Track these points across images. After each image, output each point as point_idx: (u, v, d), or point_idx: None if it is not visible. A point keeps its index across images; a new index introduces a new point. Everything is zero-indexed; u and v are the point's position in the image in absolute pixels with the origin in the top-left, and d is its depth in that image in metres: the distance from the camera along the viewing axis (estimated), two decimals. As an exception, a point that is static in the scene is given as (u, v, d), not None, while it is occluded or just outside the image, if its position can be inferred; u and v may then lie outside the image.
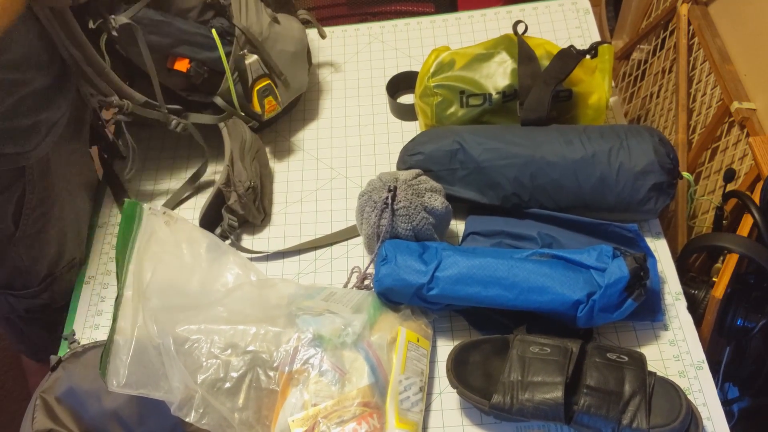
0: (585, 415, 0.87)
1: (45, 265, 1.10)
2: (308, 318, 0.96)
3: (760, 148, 1.20)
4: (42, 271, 1.10)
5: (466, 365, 0.94)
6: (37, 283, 1.11)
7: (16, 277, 1.09)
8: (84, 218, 1.18)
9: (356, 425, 0.87)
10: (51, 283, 1.12)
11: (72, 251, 1.14)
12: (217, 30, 1.11)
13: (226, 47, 1.13)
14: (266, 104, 1.18)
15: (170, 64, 1.13)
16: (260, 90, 1.16)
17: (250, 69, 1.15)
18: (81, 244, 1.17)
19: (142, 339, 0.91)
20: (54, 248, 1.09)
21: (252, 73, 1.15)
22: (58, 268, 1.12)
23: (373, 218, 1.03)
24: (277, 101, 1.19)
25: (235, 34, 1.12)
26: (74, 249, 1.15)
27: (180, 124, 1.15)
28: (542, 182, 1.06)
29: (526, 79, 1.12)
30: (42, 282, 1.11)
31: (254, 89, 1.16)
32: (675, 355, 0.98)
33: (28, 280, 1.10)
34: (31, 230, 1.04)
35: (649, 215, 1.08)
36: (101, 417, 0.94)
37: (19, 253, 1.05)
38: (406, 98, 1.36)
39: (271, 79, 1.17)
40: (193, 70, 1.13)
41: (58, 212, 1.07)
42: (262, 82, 1.16)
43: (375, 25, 1.49)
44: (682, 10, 1.52)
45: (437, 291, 0.95)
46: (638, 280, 0.93)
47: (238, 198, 1.12)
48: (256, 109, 1.18)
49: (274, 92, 1.18)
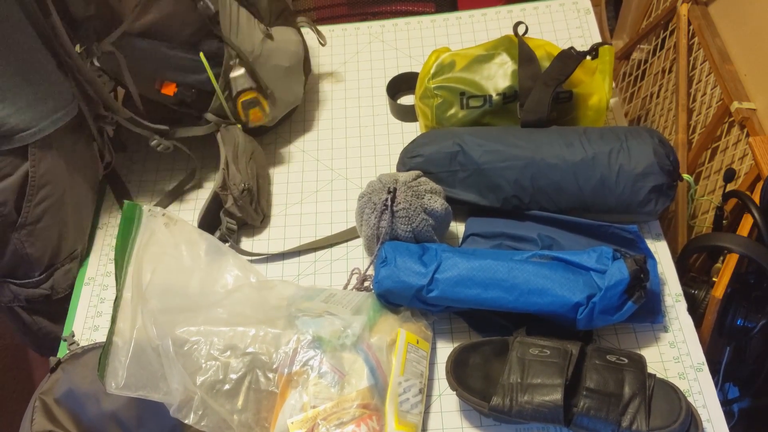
0: (584, 417, 0.87)
1: (47, 255, 1.11)
2: (308, 320, 0.96)
3: (760, 148, 1.20)
4: (43, 260, 1.11)
5: (466, 367, 0.94)
6: (39, 273, 1.11)
7: (18, 266, 1.10)
8: (86, 211, 1.18)
9: (355, 427, 0.87)
10: (52, 273, 1.13)
11: (74, 242, 1.15)
12: (206, 53, 1.10)
13: (215, 69, 1.12)
14: (251, 114, 1.18)
15: (158, 86, 1.13)
16: (245, 102, 1.16)
17: (235, 83, 1.14)
18: (83, 236, 1.18)
19: (141, 341, 0.91)
20: (55, 237, 1.10)
21: (237, 86, 1.14)
22: (59, 258, 1.13)
23: (372, 220, 1.03)
24: (264, 113, 1.19)
25: (225, 55, 1.12)
26: (76, 240, 1.15)
27: (161, 145, 1.15)
28: (542, 184, 1.06)
29: (527, 81, 1.12)
30: (44, 272, 1.12)
31: (239, 100, 1.16)
32: (675, 356, 0.98)
33: (29, 269, 1.11)
34: (32, 217, 1.06)
35: (649, 217, 1.08)
36: (100, 419, 0.94)
37: (20, 240, 1.06)
38: (407, 99, 1.36)
39: (259, 92, 1.17)
40: (180, 93, 1.13)
41: (59, 201, 1.08)
42: (247, 94, 1.16)
43: (375, 25, 1.49)
44: (682, 10, 1.52)
45: (437, 293, 0.95)
46: (638, 283, 0.93)
47: (234, 201, 1.12)
48: (241, 117, 1.19)
49: (261, 104, 1.18)
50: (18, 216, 1.04)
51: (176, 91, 1.13)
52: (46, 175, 1.04)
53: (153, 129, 1.14)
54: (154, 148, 1.15)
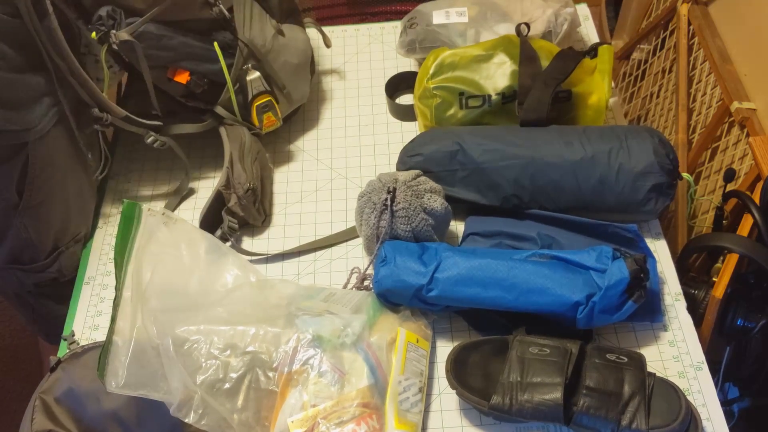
0: (584, 415, 0.87)
1: (51, 238, 1.11)
2: (308, 318, 0.96)
3: (760, 148, 1.20)
4: (48, 244, 1.11)
5: (466, 366, 0.94)
6: (44, 257, 1.12)
7: (24, 251, 1.10)
8: (88, 195, 1.18)
9: (355, 426, 0.87)
10: (58, 256, 1.13)
11: (77, 225, 1.15)
12: (219, 43, 1.12)
13: (228, 59, 1.13)
14: (265, 119, 1.20)
15: (170, 74, 1.14)
16: (260, 106, 1.17)
17: (251, 85, 1.16)
18: (87, 220, 1.19)
19: (141, 340, 0.91)
20: (58, 220, 1.11)
21: (252, 89, 1.16)
22: (63, 241, 1.13)
23: (372, 219, 1.03)
24: (277, 117, 1.21)
25: (238, 47, 1.13)
26: (79, 223, 1.16)
27: (157, 141, 1.15)
28: (542, 183, 1.06)
29: (526, 79, 1.12)
30: (49, 255, 1.12)
31: (253, 104, 1.17)
32: (674, 355, 0.98)
33: (35, 253, 1.11)
34: (35, 201, 1.05)
35: (649, 216, 1.08)
36: (100, 418, 0.94)
37: (24, 224, 1.06)
38: (406, 99, 1.36)
39: (272, 95, 1.18)
40: (193, 82, 1.14)
41: (60, 183, 1.08)
42: (262, 98, 1.17)
43: (375, 26, 1.49)
44: (682, 10, 1.52)
45: (437, 292, 0.95)
46: (638, 282, 0.93)
47: (238, 200, 1.12)
48: (255, 123, 1.20)
49: (275, 108, 1.19)
50: (20, 200, 1.04)
51: (189, 80, 1.13)
52: (46, 158, 1.04)
53: (148, 126, 1.14)
54: (150, 145, 1.15)
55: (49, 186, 1.06)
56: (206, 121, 1.19)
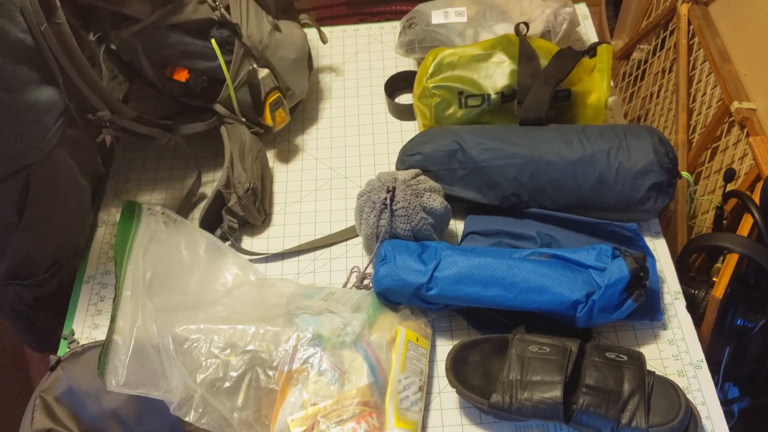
0: (584, 414, 0.87)
1: (51, 253, 1.10)
2: (307, 317, 0.96)
3: (760, 148, 1.20)
4: (48, 259, 1.11)
5: (465, 364, 0.94)
6: (44, 271, 1.11)
7: (23, 266, 1.10)
8: (86, 206, 1.18)
9: (355, 424, 0.87)
10: (58, 270, 1.13)
11: (77, 238, 1.15)
12: (216, 40, 1.12)
13: (226, 56, 1.13)
14: (276, 116, 1.20)
15: (170, 73, 1.14)
16: (272, 103, 1.18)
17: (263, 83, 1.16)
18: (85, 230, 1.18)
19: (141, 338, 0.92)
20: (60, 236, 1.10)
21: (265, 87, 1.16)
22: (63, 255, 1.13)
23: (372, 219, 1.03)
24: (286, 112, 1.22)
25: (236, 43, 1.13)
26: (79, 235, 1.16)
27: (171, 140, 1.16)
28: (541, 182, 1.06)
29: (526, 78, 1.12)
30: (48, 270, 1.12)
31: (267, 102, 1.17)
32: (674, 354, 0.98)
33: (34, 268, 1.11)
34: (36, 219, 1.04)
35: (649, 215, 1.08)
36: (100, 416, 0.94)
37: (25, 242, 1.06)
38: (405, 98, 1.37)
39: (280, 91, 1.19)
40: (192, 80, 1.14)
41: (63, 200, 1.08)
42: (273, 95, 1.18)
43: (374, 26, 1.50)
44: (682, 10, 1.52)
45: (436, 291, 0.95)
46: (638, 281, 0.93)
47: (238, 199, 1.12)
48: (268, 122, 1.20)
49: (283, 104, 1.20)
50: (20, 218, 1.03)
51: (188, 78, 1.14)
52: (48, 177, 1.03)
53: (160, 125, 1.14)
54: (163, 145, 1.15)
55: (51, 204, 1.05)
56: (214, 119, 1.19)
